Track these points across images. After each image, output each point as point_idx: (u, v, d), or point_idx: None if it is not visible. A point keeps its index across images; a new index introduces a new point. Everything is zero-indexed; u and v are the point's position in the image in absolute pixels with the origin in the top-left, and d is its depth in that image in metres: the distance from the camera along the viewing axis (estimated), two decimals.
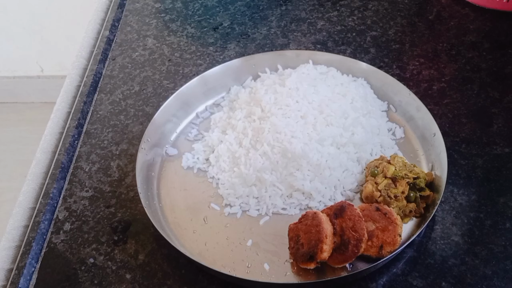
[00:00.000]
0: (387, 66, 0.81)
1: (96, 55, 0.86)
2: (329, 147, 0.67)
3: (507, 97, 0.76)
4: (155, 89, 0.82)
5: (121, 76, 0.84)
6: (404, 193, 0.62)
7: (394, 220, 0.59)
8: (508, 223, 0.63)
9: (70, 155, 0.73)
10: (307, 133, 0.68)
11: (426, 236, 0.62)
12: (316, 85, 0.72)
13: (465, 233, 0.62)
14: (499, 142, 0.71)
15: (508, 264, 0.59)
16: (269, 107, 0.70)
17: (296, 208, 0.65)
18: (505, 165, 0.68)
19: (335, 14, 0.91)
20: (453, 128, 0.73)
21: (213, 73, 0.77)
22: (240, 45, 0.87)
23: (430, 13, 0.89)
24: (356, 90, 0.73)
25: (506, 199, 0.65)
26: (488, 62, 0.81)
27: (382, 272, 0.60)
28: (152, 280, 0.61)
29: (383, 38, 0.86)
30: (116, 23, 0.92)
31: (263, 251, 0.62)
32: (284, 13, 0.92)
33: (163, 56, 0.86)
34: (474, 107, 0.75)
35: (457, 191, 0.66)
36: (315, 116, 0.69)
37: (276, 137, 0.67)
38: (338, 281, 0.58)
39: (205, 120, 0.76)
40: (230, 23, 0.91)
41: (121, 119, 0.78)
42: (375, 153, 0.69)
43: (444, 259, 0.60)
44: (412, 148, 0.70)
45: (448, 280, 0.58)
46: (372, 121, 0.71)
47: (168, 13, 0.94)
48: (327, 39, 0.87)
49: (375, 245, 0.58)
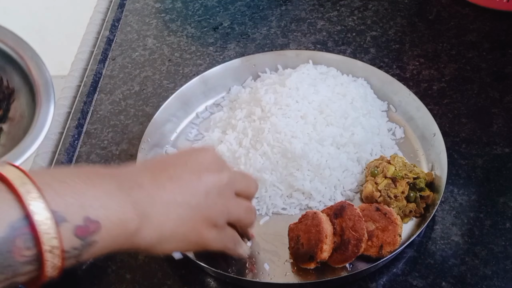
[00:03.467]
0: (387, 66, 0.81)
1: (96, 55, 0.86)
2: (329, 147, 0.67)
3: (507, 97, 0.76)
4: (155, 89, 0.82)
5: (121, 76, 0.84)
6: (404, 193, 0.62)
7: (394, 220, 0.59)
8: (508, 223, 0.63)
9: (70, 155, 0.73)
10: (307, 133, 0.68)
11: (426, 236, 0.62)
12: (316, 85, 0.72)
13: (465, 233, 0.62)
14: (499, 142, 0.71)
15: (508, 264, 0.59)
16: (269, 107, 0.70)
17: (296, 208, 0.65)
18: (505, 165, 0.68)
19: (335, 14, 0.91)
20: (453, 128, 0.73)
21: (213, 73, 0.77)
22: (240, 45, 0.87)
23: (430, 13, 0.89)
24: (356, 90, 0.73)
25: (506, 199, 0.65)
26: (488, 62, 0.81)
27: (382, 272, 0.60)
28: (152, 280, 0.61)
29: (383, 38, 0.86)
30: (116, 23, 0.92)
31: (263, 251, 0.62)
32: (284, 13, 0.92)
33: (163, 56, 0.86)
34: (474, 107, 0.75)
35: (457, 191, 0.66)
36: (315, 116, 0.69)
37: (276, 137, 0.67)
38: (338, 281, 0.58)
39: (205, 120, 0.76)
40: (230, 23, 0.91)
41: (121, 119, 0.78)
42: (375, 153, 0.69)
43: (444, 259, 0.60)
44: (412, 148, 0.70)
45: (448, 280, 0.58)
46: (372, 121, 0.71)
47: (168, 13, 0.94)
48: (327, 39, 0.87)
49: (375, 245, 0.58)
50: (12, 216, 0.37)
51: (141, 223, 0.44)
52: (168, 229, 0.46)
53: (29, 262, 0.38)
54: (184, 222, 0.47)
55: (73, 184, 0.41)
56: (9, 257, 0.36)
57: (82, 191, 0.41)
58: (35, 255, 0.38)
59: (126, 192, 0.44)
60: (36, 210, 0.37)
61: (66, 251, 0.39)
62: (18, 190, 0.37)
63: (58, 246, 0.38)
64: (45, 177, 0.40)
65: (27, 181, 0.38)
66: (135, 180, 0.46)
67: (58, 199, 0.39)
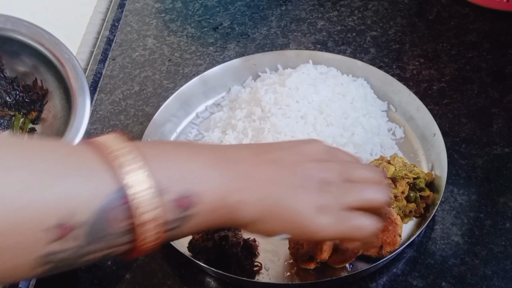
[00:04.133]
0: (387, 66, 0.81)
1: (96, 55, 0.86)
2: None
3: (507, 97, 0.76)
4: (155, 89, 0.82)
5: (121, 76, 0.84)
6: (404, 193, 0.62)
7: (394, 220, 0.59)
8: (508, 223, 0.63)
9: None
10: (307, 133, 0.68)
11: (426, 236, 0.62)
12: (316, 85, 0.72)
13: (465, 233, 0.62)
14: (499, 142, 0.71)
15: (508, 264, 0.59)
16: (269, 107, 0.70)
17: None
18: (505, 165, 0.68)
19: (335, 14, 0.91)
20: (453, 128, 0.73)
21: (213, 73, 0.77)
22: (240, 45, 0.87)
23: (430, 13, 0.89)
24: (356, 90, 0.73)
25: (506, 199, 0.65)
26: (488, 62, 0.81)
27: (382, 272, 0.60)
28: (152, 280, 0.61)
29: (383, 38, 0.86)
30: (116, 23, 0.92)
31: (263, 251, 0.62)
32: (284, 13, 0.92)
33: (163, 56, 0.86)
34: (474, 107, 0.75)
35: (457, 191, 0.66)
36: (315, 116, 0.69)
37: (276, 137, 0.67)
38: (338, 281, 0.58)
39: (205, 120, 0.76)
40: (230, 23, 0.91)
41: (121, 119, 0.78)
42: (375, 153, 0.69)
43: (444, 259, 0.60)
44: (412, 148, 0.70)
45: (448, 280, 0.58)
46: (372, 121, 0.71)
47: (168, 13, 0.94)
48: (327, 39, 0.87)
49: (375, 245, 0.58)
50: (112, 186, 0.36)
51: (240, 198, 0.42)
52: (265, 206, 0.43)
53: (126, 232, 0.37)
54: (282, 201, 0.44)
55: (173, 156, 0.40)
56: (107, 227, 0.36)
57: (182, 162, 0.40)
58: (132, 225, 0.37)
59: (226, 166, 0.43)
60: (140, 179, 0.36)
61: (168, 222, 0.38)
62: (121, 159, 0.37)
63: (160, 216, 0.37)
64: (146, 148, 0.39)
65: (130, 150, 0.37)
66: (235, 155, 0.44)
67: (159, 170, 0.38)
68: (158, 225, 0.37)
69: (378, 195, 0.48)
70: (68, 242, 0.34)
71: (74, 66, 0.68)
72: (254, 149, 0.47)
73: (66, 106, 0.69)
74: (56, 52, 0.69)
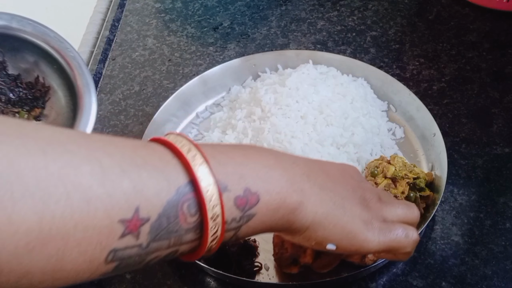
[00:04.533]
0: (387, 66, 0.81)
1: (96, 55, 0.86)
2: (329, 147, 0.67)
3: (507, 97, 0.76)
4: (155, 89, 0.82)
5: (121, 76, 0.84)
6: (404, 193, 0.62)
7: None
8: (508, 223, 0.63)
9: None
10: (307, 133, 0.68)
11: (426, 236, 0.62)
12: (316, 85, 0.72)
13: (465, 233, 0.62)
14: (499, 142, 0.71)
15: (508, 264, 0.59)
16: (269, 107, 0.70)
17: None
18: (505, 165, 0.68)
19: (335, 14, 0.91)
20: (453, 128, 0.73)
21: (213, 73, 0.77)
22: (240, 45, 0.87)
23: (430, 13, 0.89)
24: (356, 90, 0.73)
25: (506, 199, 0.65)
26: (488, 62, 0.81)
27: (382, 272, 0.60)
28: (152, 280, 0.61)
29: (383, 38, 0.86)
30: (116, 23, 0.92)
31: (263, 251, 0.62)
32: (284, 13, 0.92)
33: (163, 56, 0.86)
34: (474, 107, 0.75)
35: (457, 191, 0.66)
36: (315, 116, 0.69)
37: (276, 137, 0.67)
38: (338, 281, 0.58)
39: (205, 120, 0.76)
40: (230, 23, 0.91)
41: (121, 119, 0.78)
42: (375, 153, 0.69)
43: (444, 259, 0.60)
44: (412, 148, 0.70)
45: (448, 280, 0.58)
46: (372, 121, 0.71)
47: (168, 13, 0.94)
48: (327, 39, 0.87)
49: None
50: (180, 180, 0.36)
51: (299, 200, 0.42)
52: (320, 212, 0.43)
53: (193, 229, 0.36)
54: (337, 210, 0.44)
55: (233, 155, 0.40)
56: (175, 222, 0.35)
57: (242, 162, 0.40)
58: (199, 222, 0.36)
59: (284, 167, 0.42)
60: (202, 176, 0.36)
61: (227, 221, 0.38)
62: (185, 156, 0.37)
63: (220, 214, 0.37)
64: (207, 147, 0.39)
65: (193, 148, 0.37)
66: (292, 159, 0.45)
67: (220, 168, 0.38)
68: (219, 224, 0.37)
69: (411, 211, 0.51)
70: (136, 237, 0.34)
71: (79, 64, 0.69)
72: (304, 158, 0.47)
73: (70, 102, 0.70)
74: (61, 50, 0.69)
